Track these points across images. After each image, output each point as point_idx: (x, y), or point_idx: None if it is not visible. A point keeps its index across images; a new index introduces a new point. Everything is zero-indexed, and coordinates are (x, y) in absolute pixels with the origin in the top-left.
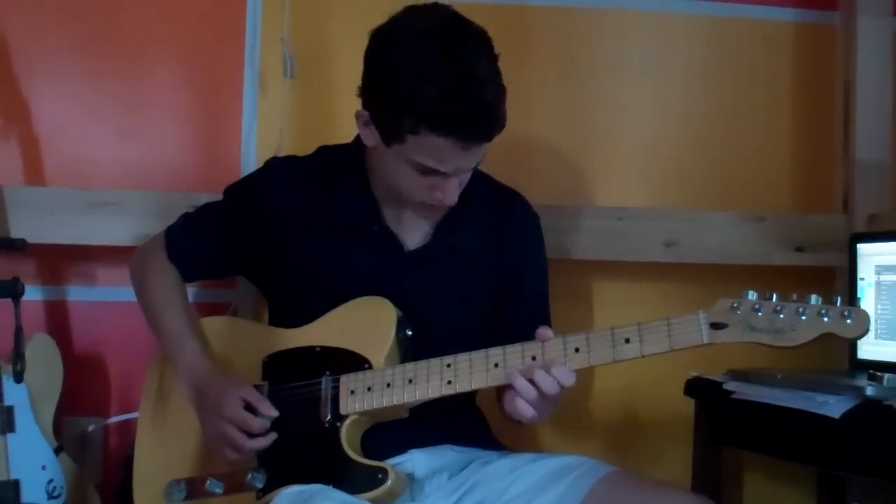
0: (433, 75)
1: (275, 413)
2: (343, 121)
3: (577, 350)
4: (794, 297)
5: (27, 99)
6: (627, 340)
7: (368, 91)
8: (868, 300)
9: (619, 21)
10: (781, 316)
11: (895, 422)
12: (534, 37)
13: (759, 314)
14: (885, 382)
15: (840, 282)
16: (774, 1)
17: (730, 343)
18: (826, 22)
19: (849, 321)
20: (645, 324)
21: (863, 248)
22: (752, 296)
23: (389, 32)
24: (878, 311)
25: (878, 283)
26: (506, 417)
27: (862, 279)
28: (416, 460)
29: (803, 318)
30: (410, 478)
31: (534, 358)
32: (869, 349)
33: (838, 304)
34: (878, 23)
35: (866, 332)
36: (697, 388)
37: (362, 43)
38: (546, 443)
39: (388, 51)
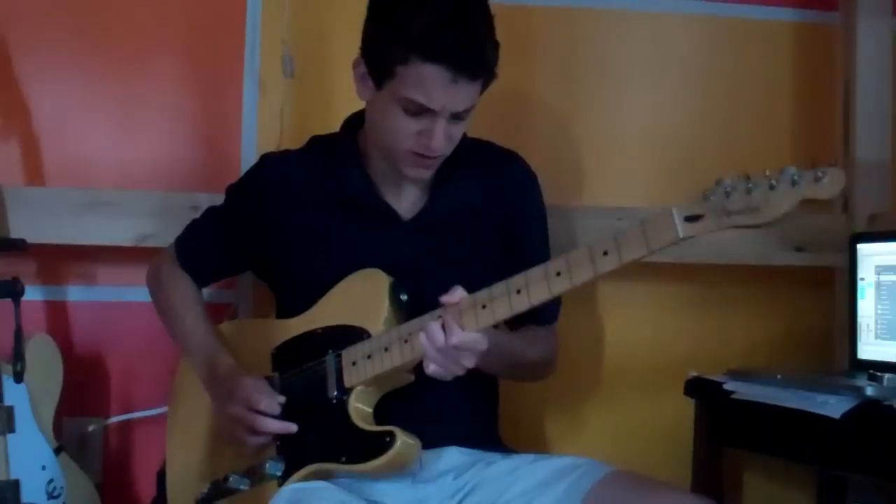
0: (428, 5)
1: (281, 398)
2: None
3: (558, 274)
4: (767, 172)
5: (27, 99)
6: (606, 253)
7: (366, 30)
8: (868, 300)
9: (619, 21)
10: (754, 193)
11: (895, 422)
12: (534, 37)
13: (732, 197)
14: (885, 382)
15: (840, 282)
16: (774, 1)
17: (709, 233)
18: (826, 22)
19: (825, 180)
20: (620, 232)
21: (863, 248)
22: (726, 182)
23: None
24: (879, 311)
25: (878, 284)
26: None
27: (862, 279)
28: (421, 461)
29: (779, 189)
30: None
31: (518, 291)
32: (869, 349)
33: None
34: (878, 23)
35: (842, 186)
36: (697, 388)
37: None
38: (547, 443)
39: None
